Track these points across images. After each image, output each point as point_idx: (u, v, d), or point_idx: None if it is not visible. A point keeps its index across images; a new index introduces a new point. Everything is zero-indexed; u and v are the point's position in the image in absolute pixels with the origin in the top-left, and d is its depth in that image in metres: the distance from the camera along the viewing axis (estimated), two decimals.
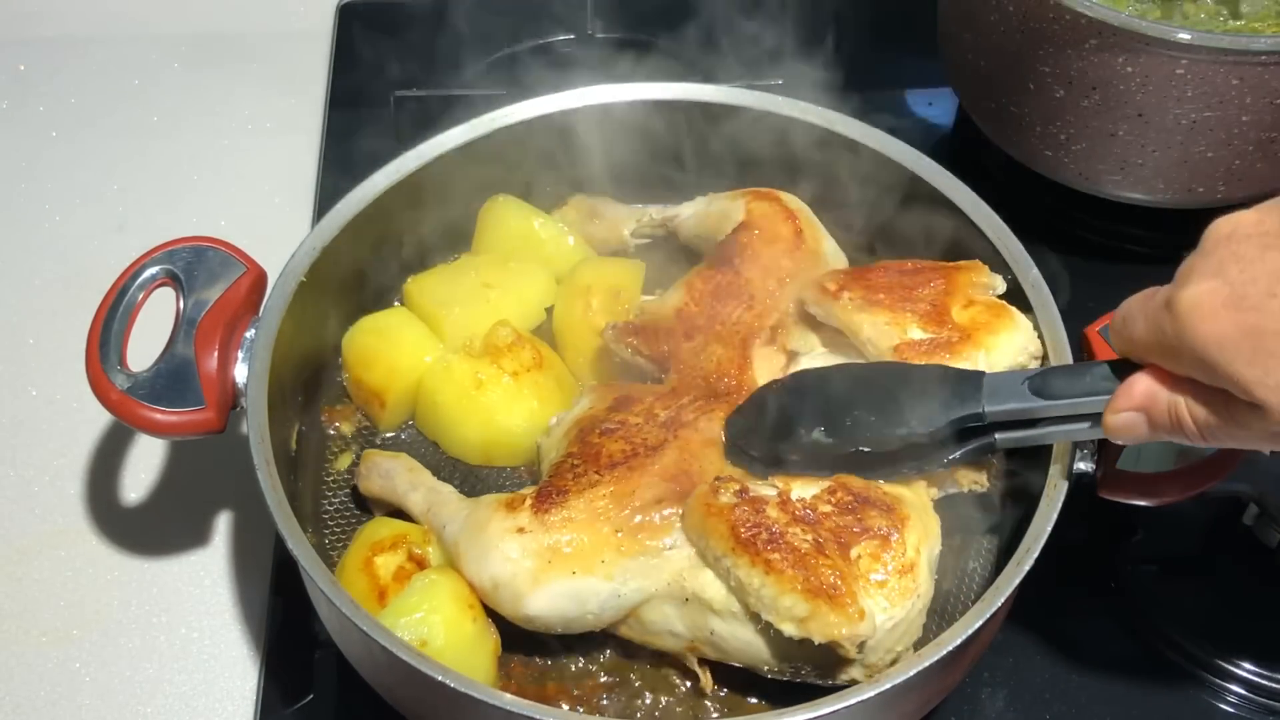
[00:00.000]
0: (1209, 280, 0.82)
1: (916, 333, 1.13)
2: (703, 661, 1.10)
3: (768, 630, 1.02)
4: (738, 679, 1.10)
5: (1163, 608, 1.25)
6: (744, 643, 1.05)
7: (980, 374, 1.03)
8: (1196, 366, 0.84)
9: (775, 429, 1.08)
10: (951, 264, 1.20)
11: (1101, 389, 0.95)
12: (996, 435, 1.03)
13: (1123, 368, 0.93)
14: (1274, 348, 0.79)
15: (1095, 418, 0.96)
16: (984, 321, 1.14)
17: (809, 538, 1.01)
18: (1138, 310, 0.89)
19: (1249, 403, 0.82)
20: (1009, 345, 1.13)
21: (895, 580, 1.01)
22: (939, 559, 1.08)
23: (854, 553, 1.01)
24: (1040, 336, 1.16)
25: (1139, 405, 0.91)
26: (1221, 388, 0.83)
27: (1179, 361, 0.86)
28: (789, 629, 0.99)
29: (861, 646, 0.99)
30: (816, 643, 0.98)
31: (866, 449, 1.05)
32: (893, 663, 1.03)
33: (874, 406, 1.05)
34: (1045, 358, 1.15)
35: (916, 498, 1.08)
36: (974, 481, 1.11)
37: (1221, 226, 0.85)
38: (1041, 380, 1.00)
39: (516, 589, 1.05)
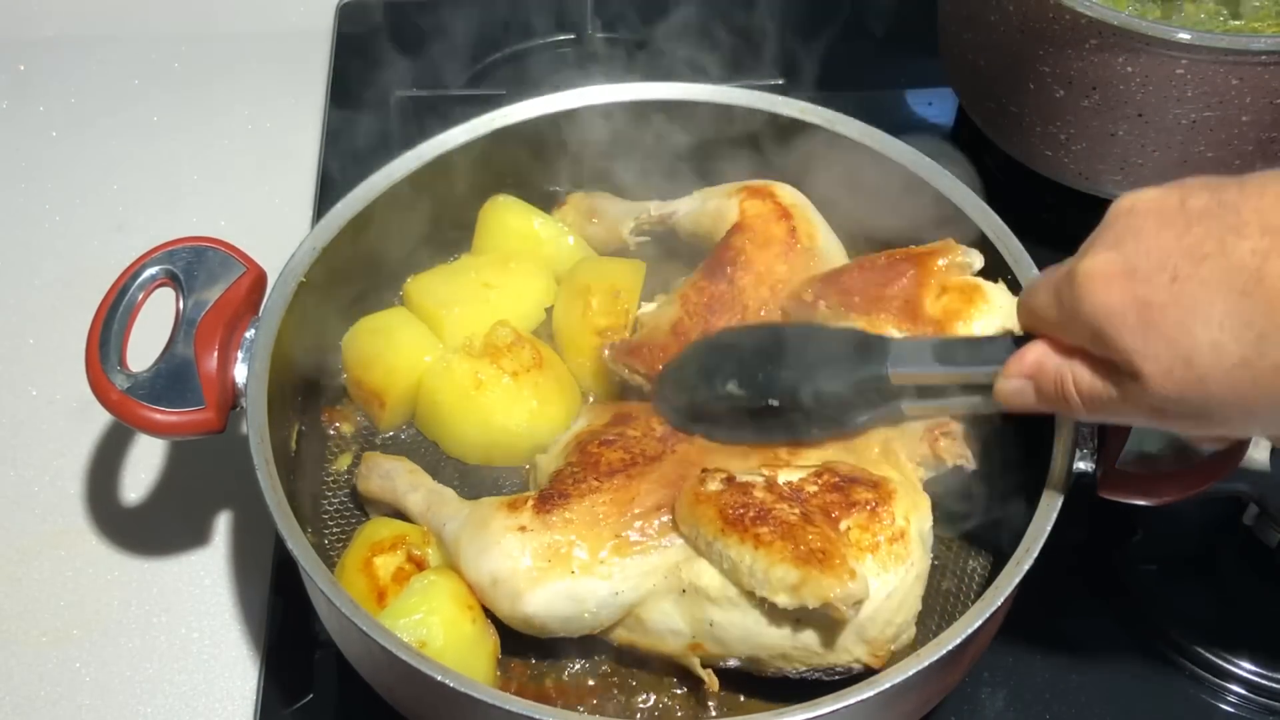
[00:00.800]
0: (1107, 251, 0.85)
1: (893, 332, 1.14)
2: (704, 664, 1.10)
3: (764, 605, 1.02)
4: (738, 680, 1.10)
5: (1163, 608, 1.25)
6: (744, 630, 1.05)
7: (887, 340, 1.08)
8: (1088, 335, 0.87)
9: (695, 381, 1.15)
10: (923, 249, 1.20)
11: (999, 359, 0.97)
12: (904, 403, 1.08)
13: (1022, 342, 0.96)
14: (1157, 320, 0.82)
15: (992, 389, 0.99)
16: (955, 309, 1.14)
17: (796, 511, 1.02)
18: (1041, 281, 0.92)
19: (1130, 374, 0.84)
20: (983, 330, 1.13)
21: (886, 546, 1.02)
22: (939, 553, 1.08)
23: (843, 525, 1.02)
24: None
25: (1028, 373, 0.94)
26: (1107, 359, 0.86)
27: (1073, 329, 0.88)
28: (783, 599, 0.99)
29: (857, 607, 0.99)
30: (811, 607, 0.98)
31: (775, 403, 1.09)
32: (894, 639, 1.03)
33: (786, 364, 1.10)
34: None
35: (904, 477, 1.09)
36: (957, 456, 1.10)
37: (1123, 202, 0.87)
38: (945, 349, 1.05)
39: (515, 587, 1.06)
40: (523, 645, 1.11)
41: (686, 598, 1.06)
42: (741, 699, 1.11)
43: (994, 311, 1.14)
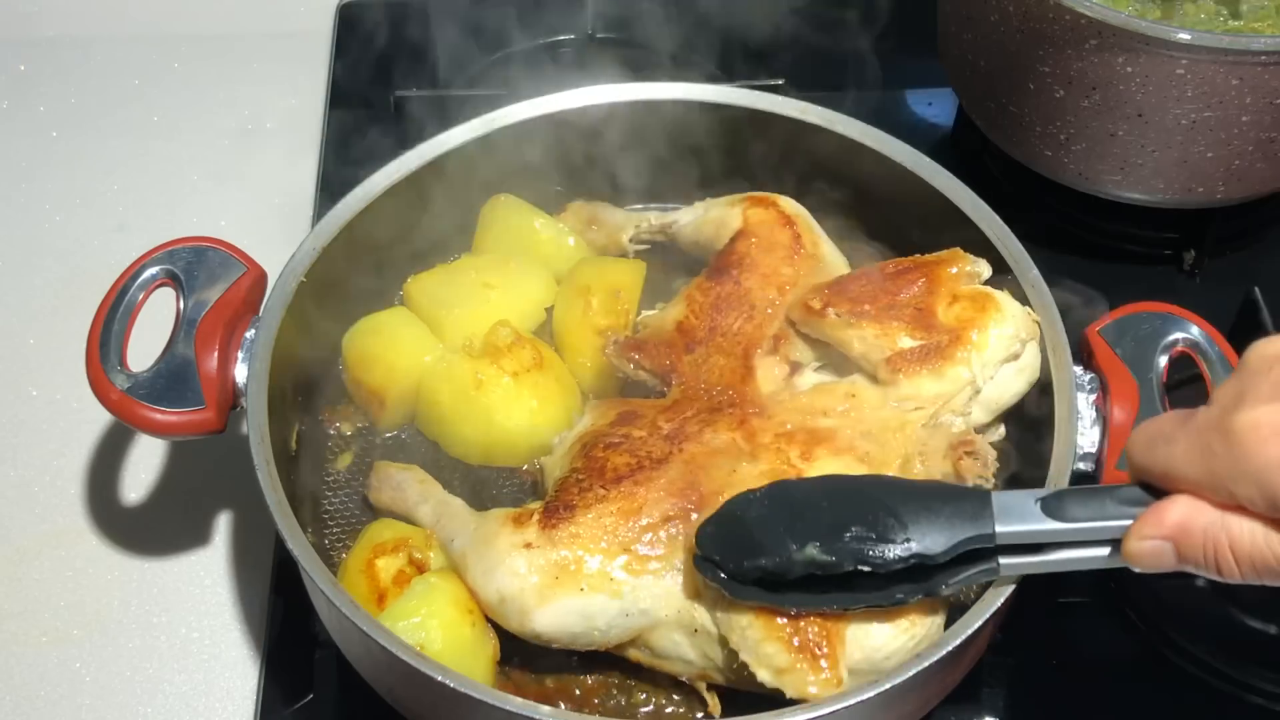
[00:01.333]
0: (1269, 403, 0.79)
1: (906, 341, 1.13)
2: (710, 686, 1.09)
3: None
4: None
5: (1163, 608, 1.25)
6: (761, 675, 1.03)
7: (987, 493, 0.97)
8: (1257, 493, 0.80)
9: (757, 544, 0.99)
10: (931, 257, 1.20)
11: (1123, 514, 0.90)
12: (1001, 560, 0.96)
13: (1146, 492, 0.89)
14: None
15: (1114, 544, 0.91)
16: (969, 318, 1.13)
17: None
18: (1175, 431, 0.85)
19: None
20: (998, 338, 1.13)
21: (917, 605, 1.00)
22: None
23: None
24: (1040, 336, 1.16)
25: (1170, 534, 0.85)
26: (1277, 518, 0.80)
27: (1235, 486, 0.81)
28: (763, 675, 0.99)
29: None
30: (786, 695, 0.98)
31: (866, 569, 0.95)
32: None
33: (872, 523, 0.96)
34: (1040, 338, 1.16)
35: None
36: (979, 476, 1.08)
37: (1268, 348, 0.82)
38: (1056, 502, 0.94)
39: (523, 605, 1.05)
40: (523, 647, 1.11)
41: (699, 636, 1.05)
42: (742, 699, 1.11)
43: (1006, 320, 1.14)
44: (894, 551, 0.95)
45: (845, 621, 1.00)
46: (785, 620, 0.98)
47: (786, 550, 0.97)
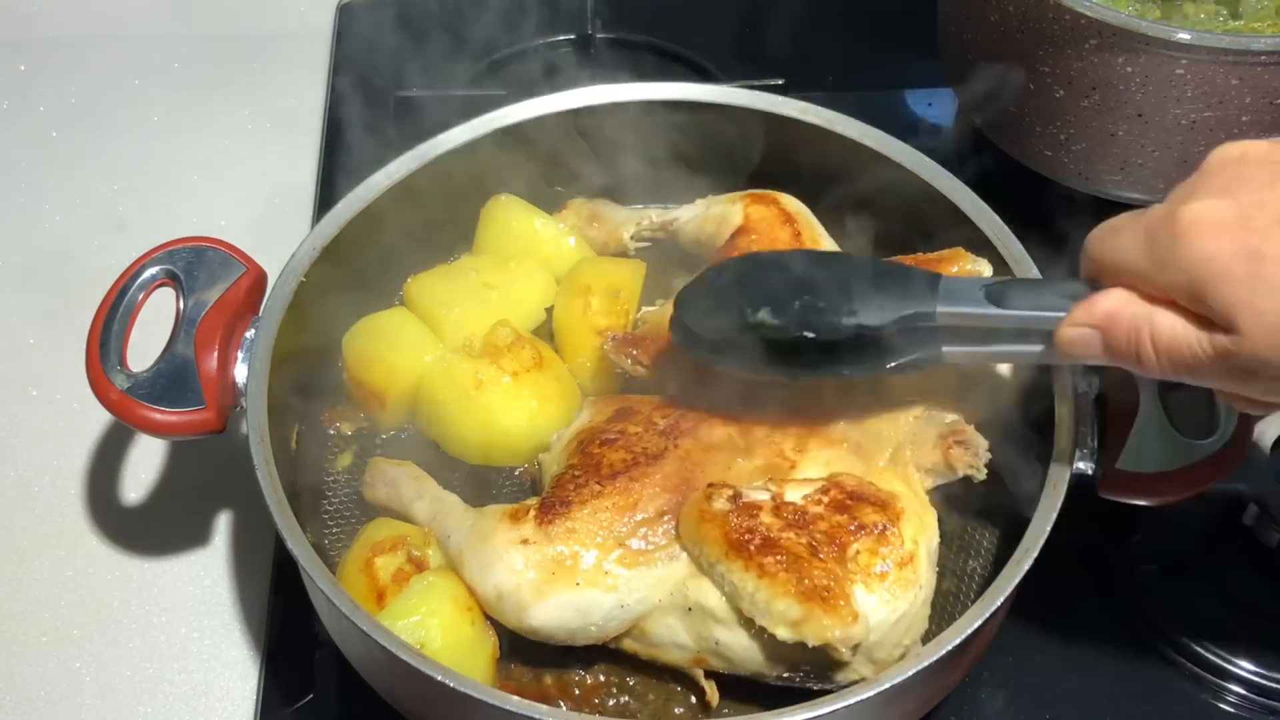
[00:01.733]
0: (1215, 198, 0.81)
1: None
2: (708, 674, 1.09)
3: (771, 635, 1.02)
4: (738, 679, 1.10)
5: (1163, 608, 1.25)
6: (749, 650, 1.04)
7: (937, 275, 1.01)
8: (1183, 284, 0.82)
9: (722, 307, 1.06)
10: (932, 255, 1.20)
11: (1061, 305, 0.92)
12: (944, 347, 1.01)
13: (1088, 287, 0.91)
14: (1268, 274, 0.78)
15: (1050, 338, 0.93)
16: None
17: (803, 540, 1.01)
18: (1127, 223, 0.88)
19: (1224, 329, 0.81)
20: None
21: (895, 573, 1.00)
22: (939, 554, 1.08)
23: (851, 550, 1.01)
24: None
25: (1099, 321, 0.88)
26: (1198, 313, 0.83)
27: (1165, 277, 0.83)
28: (783, 633, 0.99)
29: (855, 649, 0.98)
30: (810, 645, 0.98)
31: (811, 334, 1.01)
32: (901, 658, 1.03)
33: (824, 294, 1.02)
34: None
35: (911, 492, 1.08)
36: (968, 465, 1.09)
37: (1230, 150, 0.84)
38: (1000, 289, 0.97)
39: (520, 600, 1.05)
40: (523, 645, 1.11)
41: (693, 615, 1.05)
42: (742, 698, 1.11)
43: None
44: (839, 320, 1.00)
45: (853, 560, 1.00)
46: (789, 574, 0.98)
47: (740, 315, 1.03)
